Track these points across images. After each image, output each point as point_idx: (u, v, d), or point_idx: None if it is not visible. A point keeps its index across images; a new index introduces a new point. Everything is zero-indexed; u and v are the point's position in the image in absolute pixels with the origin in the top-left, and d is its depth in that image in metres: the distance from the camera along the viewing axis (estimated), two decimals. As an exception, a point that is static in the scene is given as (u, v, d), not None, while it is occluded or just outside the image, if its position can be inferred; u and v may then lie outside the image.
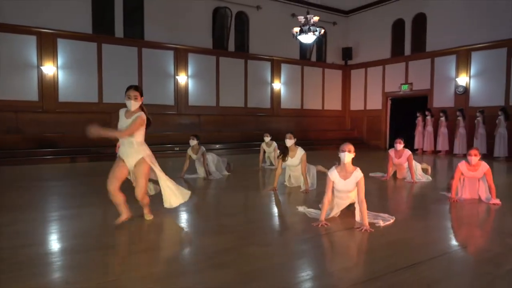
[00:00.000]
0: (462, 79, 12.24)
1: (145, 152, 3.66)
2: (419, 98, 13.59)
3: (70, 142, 9.98)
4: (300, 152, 5.52)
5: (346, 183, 3.76)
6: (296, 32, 10.02)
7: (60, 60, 10.53)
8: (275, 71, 14.36)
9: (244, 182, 6.70)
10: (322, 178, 5.48)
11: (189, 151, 6.87)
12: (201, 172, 6.89)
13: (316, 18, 9.83)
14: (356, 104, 16.04)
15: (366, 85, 15.58)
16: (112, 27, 11.32)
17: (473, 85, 12.07)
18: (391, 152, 6.76)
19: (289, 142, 5.51)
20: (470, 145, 11.37)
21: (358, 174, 3.72)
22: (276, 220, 4.25)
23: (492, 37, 11.33)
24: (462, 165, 4.91)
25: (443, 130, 12.30)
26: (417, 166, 6.77)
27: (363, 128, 15.71)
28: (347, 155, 3.70)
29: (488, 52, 11.59)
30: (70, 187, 6.17)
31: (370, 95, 15.47)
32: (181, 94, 12.39)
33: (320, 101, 15.73)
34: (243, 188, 6.06)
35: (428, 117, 12.60)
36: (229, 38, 13.27)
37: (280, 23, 14.25)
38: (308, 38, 10.06)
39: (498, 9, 11.16)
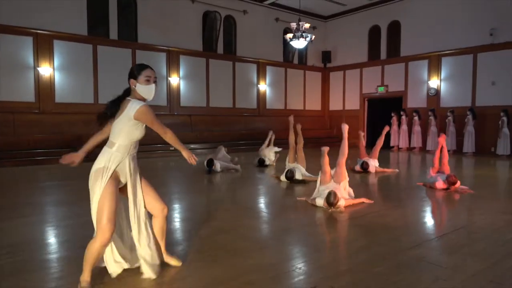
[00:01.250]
0: (434, 82, 13.43)
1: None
2: (394, 99, 14.70)
3: (67, 142, 10.09)
4: None
5: None
6: (289, 38, 10.69)
7: (56, 61, 10.60)
8: (261, 73, 15.00)
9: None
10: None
11: None
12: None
13: (307, 25, 10.56)
14: (335, 104, 16.99)
15: (345, 87, 16.56)
16: (107, 29, 11.51)
17: (443, 88, 13.28)
18: None
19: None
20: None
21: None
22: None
23: (461, 44, 12.55)
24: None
25: (416, 129, 13.47)
26: None
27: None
28: None
29: (457, 58, 12.82)
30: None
31: (348, 96, 16.46)
32: (173, 94, 12.74)
33: (301, 101, 16.54)
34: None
35: (403, 117, 13.71)
36: (218, 41, 13.76)
37: (265, 27, 14.92)
38: (300, 44, 10.77)
39: (466, 19, 12.37)
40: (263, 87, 15.09)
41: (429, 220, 4.25)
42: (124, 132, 2.40)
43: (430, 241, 3.31)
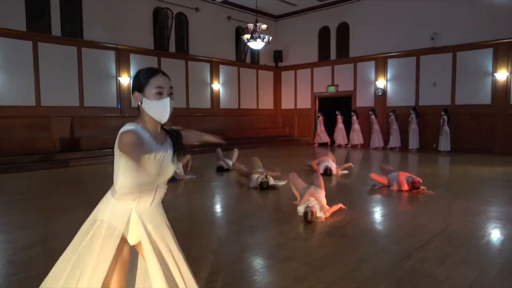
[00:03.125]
0: (381, 82, 14.11)
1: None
2: (344, 98, 15.24)
3: (5, 149, 9.16)
4: None
5: None
6: (247, 39, 10.59)
7: (-10, 60, 9.55)
8: (214, 72, 14.75)
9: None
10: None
11: None
12: None
13: (264, 26, 10.54)
14: (287, 103, 17.23)
15: (296, 86, 16.84)
16: (48, 25, 10.58)
17: (389, 88, 14.01)
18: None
19: None
20: (386, 140, 13.43)
21: None
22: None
23: (405, 47, 13.30)
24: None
25: (356, 127, 14.15)
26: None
27: (294, 126, 16.97)
28: None
29: (401, 60, 13.57)
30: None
31: (300, 95, 16.77)
32: (124, 95, 12.08)
33: (255, 100, 16.55)
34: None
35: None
36: (170, 39, 13.28)
37: (217, 26, 14.68)
38: (257, 45, 10.72)
39: (409, 23, 13.11)
40: (217, 86, 14.86)
41: (406, 226, 4.42)
42: (121, 171, 1.70)
43: (416, 251, 3.43)
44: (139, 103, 1.73)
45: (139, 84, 1.73)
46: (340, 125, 14.70)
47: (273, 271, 3.06)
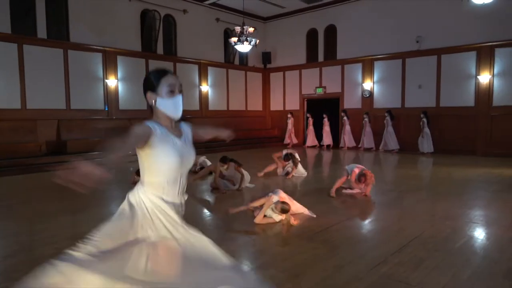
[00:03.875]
0: (368, 84, 14.28)
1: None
2: (332, 100, 15.38)
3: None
4: None
5: None
6: (234, 42, 10.64)
7: (-26, 63, 9.46)
8: (203, 74, 14.77)
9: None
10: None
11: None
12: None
13: (251, 29, 10.60)
14: (276, 104, 17.33)
15: (285, 88, 16.94)
16: (34, 27, 10.50)
17: (376, 90, 14.18)
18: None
19: None
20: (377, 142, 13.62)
21: None
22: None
23: (391, 50, 13.47)
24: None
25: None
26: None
27: (283, 127, 17.05)
28: None
29: (388, 62, 13.75)
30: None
31: (288, 96, 16.87)
32: (111, 97, 12.04)
33: (243, 102, 16.61)
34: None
35: (345, 118, 14.35)
36: (157, 41, 13.26)
37: (205, 28, 14.70)
38: (244, 48, 10.78)
39: (395, 26, 13.28)
40: (205, 88, 14.88)
41: (385, 231, 4.52)
42: (146, 166, 1.82)
43: (392, 256, 3.52)
44: (153, 102, 1.84)
45: (152, 84, 1.85)
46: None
47: (252, 278, 3.12)
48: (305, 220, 4.78)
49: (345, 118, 13.86)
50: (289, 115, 15.69)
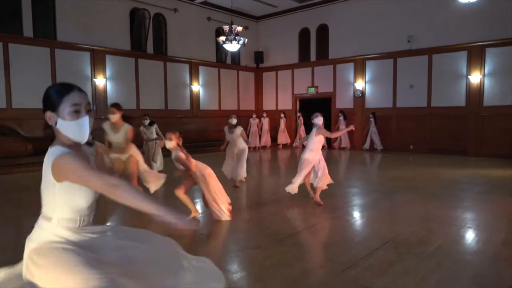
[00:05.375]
0: (359, 84, 14.20)
1: None
2: (324, 99, 15.30)
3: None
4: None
5: None
6: (222, 41, 10.56)
7: (-42, 61, 9.36)
8: (194, 73, 14.67)
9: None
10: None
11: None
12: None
13: (240, 28, 10.51)
14: (268, 104, 17.24)
15: (277, 87, 16.86)
16: (20, 25, 10.38)
17: (368, 90, 14.11)
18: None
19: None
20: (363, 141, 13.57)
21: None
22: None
23: (382, 49, 13.40)
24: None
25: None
26: None
27: (276, 127, 16.95)
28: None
29: (379, 62, 13.67)
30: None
31: (281, 96, 16.79)
32: (99, 97, 11.94)
33: (236, 101, 16.52)
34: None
35: (341, 118, 14.22)
36: (147, 40, 13.16)
37: (196, 26, 14.60)
38: (232, 47, 10.69)
39: (387, 26, 13.20)
40: (196, 87, 14.79)
41: (359, 233, 4.45)
42: (58, 202, 1.58)
43: (363, 259, 3.45)
44: (54, 124, 1.60)
45: (52, 103, 1.59)
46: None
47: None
48: (279, 221, 4.70)
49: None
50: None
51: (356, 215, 5.24)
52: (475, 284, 2.97)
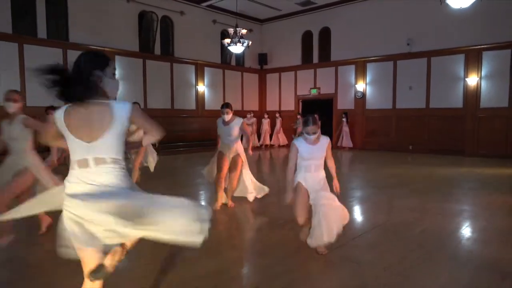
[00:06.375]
0: (360, 86, 14.58)
1: None
2: (326, 100, 15.69)
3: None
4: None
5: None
6: (227, 43, 10.99)
7: (-23, 61, 9.85)
8: (199, 74, 15.13)
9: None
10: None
11: None
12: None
13: (244, 31, 10.95)
14: (271, 105, 17.66)
15: (280, 88, 17.28)
16: (34, 27, 10.88)
17: (369, 91, 14.48)
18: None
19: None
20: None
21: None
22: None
23: (383, 52, 13.78)
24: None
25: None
26: None
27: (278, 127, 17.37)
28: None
29: (380, 64, 14.05)
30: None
31: (284, 97, 17.21)
32: (109, 96, 12.39)
33: (240, 102, 16.94)
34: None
35: (344, 120, 14.57)
36: (155, 41, 13.63)
37: (202, 29, 15.06)
38: (237, 49, 11.12)
39: (387, 29, 13.58)
40: (202, 88, 15.24)
41: (351, 220, 4.83)
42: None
43: (353, 240, 3.84)
44: (100, 81, 1.93)
45: (101, 64, 1.98)
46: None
47: None
48: (279, 209, 5.09)
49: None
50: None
51: (351, 206, 5.61)
52: (450, 261, 3.35)
